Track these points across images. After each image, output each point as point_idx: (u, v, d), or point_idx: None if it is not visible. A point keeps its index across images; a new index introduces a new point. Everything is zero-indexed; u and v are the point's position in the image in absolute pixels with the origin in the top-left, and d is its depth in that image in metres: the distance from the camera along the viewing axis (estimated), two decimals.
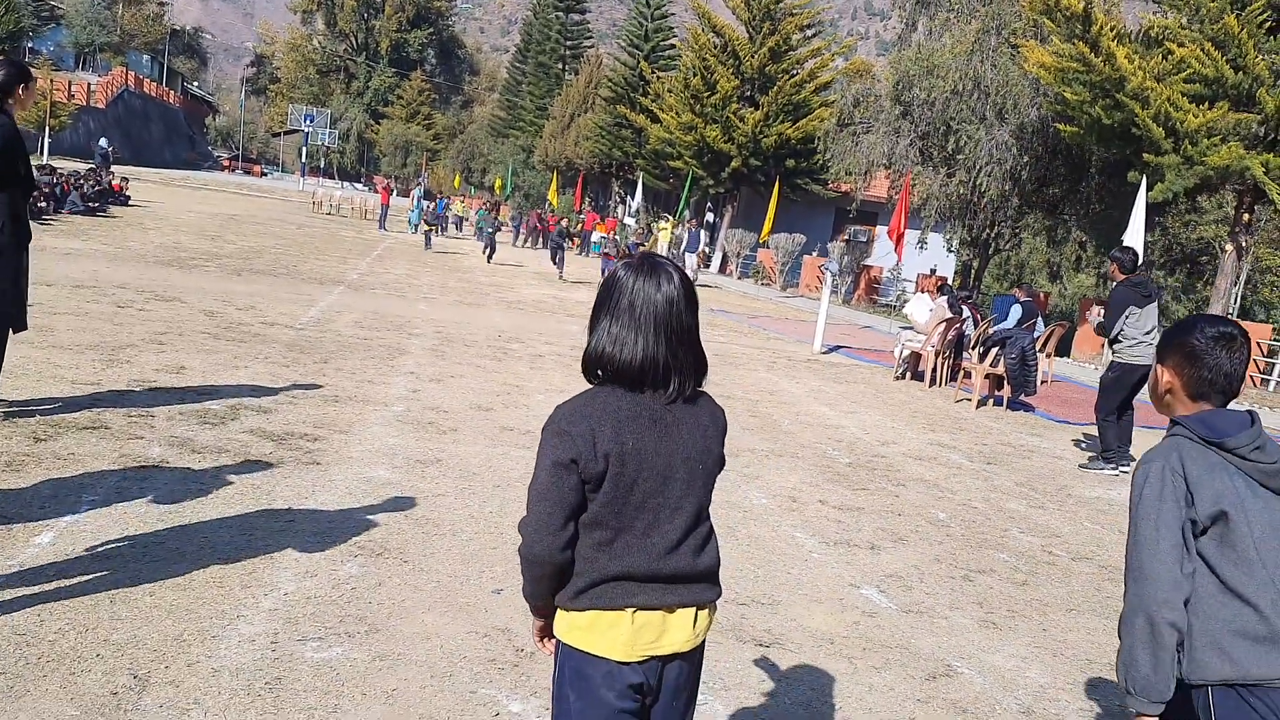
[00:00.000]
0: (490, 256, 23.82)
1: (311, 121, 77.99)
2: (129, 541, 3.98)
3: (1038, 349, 11.79)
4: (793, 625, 4.11)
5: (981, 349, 11.40)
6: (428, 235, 26.28)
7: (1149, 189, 14.62)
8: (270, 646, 3.30)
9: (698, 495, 1.91)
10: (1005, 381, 10.89)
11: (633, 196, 36.24)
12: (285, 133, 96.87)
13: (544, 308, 15.92)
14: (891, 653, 3.97)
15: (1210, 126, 15.63)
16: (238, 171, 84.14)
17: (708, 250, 30.71)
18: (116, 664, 3.05)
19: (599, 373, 1.89)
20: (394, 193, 43.95)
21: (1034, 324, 13.14)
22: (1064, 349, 18.04)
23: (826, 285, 15.03)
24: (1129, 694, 2.03)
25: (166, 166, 64.40)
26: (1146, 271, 11.54)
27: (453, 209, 38.42)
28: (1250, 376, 16.54)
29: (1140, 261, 9.82)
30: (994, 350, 11.09)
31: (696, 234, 28.89)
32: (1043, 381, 12.64)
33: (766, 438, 7.76)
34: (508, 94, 75.70)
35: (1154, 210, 17.65)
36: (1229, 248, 17.96)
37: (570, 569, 1.86)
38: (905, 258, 19.79)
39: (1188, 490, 2.03)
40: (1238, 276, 18.44)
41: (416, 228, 28.63)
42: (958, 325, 11.97)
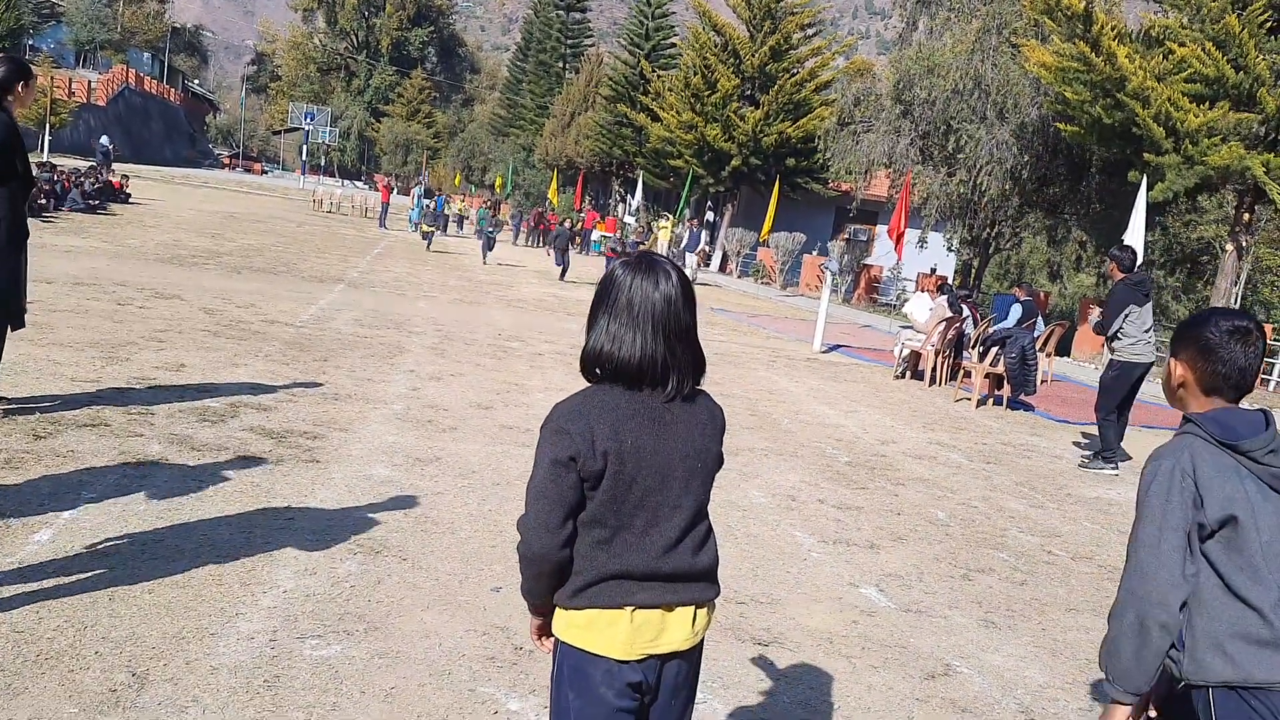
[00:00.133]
0: (486, 257, 23.40)
1: (312, 119, 77.90)
2: (128, 539, 3.98)
3: (1038, 348, 11.79)
4: (792, 624, 4.11)
5: (981, 348, 11.40)
6: (428, 235, 25.81)
7: (1149, 188, 14.62)
8: (269, 644, 3.31)
9: (696, 494, 1.90)
10: (1005, 381, 10.89)
11: (633, 195, 36.23)
12: (286, 131, 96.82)
13: (544, 306, 15.92)
14: (890, 652, 3.97)
15: (1211, 126, 15.62)
16: (238, 169, 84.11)
17: (708, 249, 30.69)
18: (115, 661, 3.05)
19: (597, 371, 1.88)
20: (394, 191, 43.95)
21: (1034, 323, 13.14)
22: (1064, 348, 18.03)
23: (826, 284, 15.03)
24: (1107, 680, 2.09)
25: (167, 164, 64.35)
26: (1146, 271, 11.53)
27: (452, 206, 38.28)
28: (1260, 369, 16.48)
29: (1140, 261, 9.83)
30: (994, 349, 11.09)
31: (697, 233, 28.89)
32: (1042, 381, 12.64)
33: (766, 436, 7.76)
34: (508, 92, 75.65)
35: (1154, 210, 17.65)
36: (1229, 247, 17.95)
37: (569, 567, 1.86)
38: (905, 257, 19.77)
39: (1197, 493, 2.00)
40: (1238, 276, 18.41)
41: (417, 226, 28.49)
42: (958, 324, 11.97)
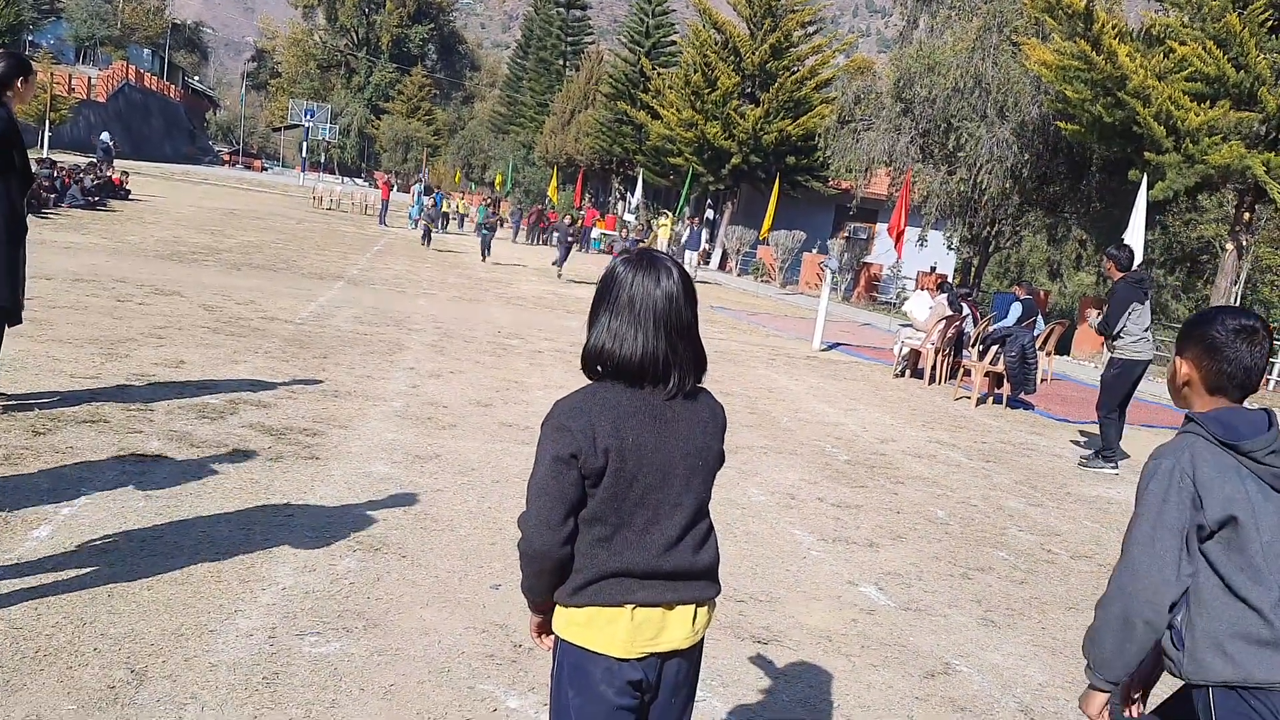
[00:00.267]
0: (485, 256, 23.17)
1: (312, 116, 77.83)
2: (127, 535, 3.98)
3: (1037, 347, 11.78)
4: (791, 622, 4.10)
5: (981, 347, 11.39)
6: (426, 232, 25.51)
7: (1150, 187, 14.62)
8: (268, 641, 3.30)
9: (697, 492, 1.90)
10: (1005, 379, 10.89)
11: (633, 193, 36.22)
12: (286, 128, 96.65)
13: (543, 303, 15.90)
14: (890, 650, 3.97)
15: (1211, 125, 15.62)
16: (238, 166, 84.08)
17: (708, 247, 30.67)
18: (114, 658, 3.05)
19: (599, 368, 1.88)
20: (394, 188, 43.87)
21: (1034, 322, 13.14)
22: (1064, 347, 18.03)
23: (826, 282, 15.02)
24: (1088, 666, 2.13)
25: (167, 161, 64.34)
26: (1146, 269, 11.52)
27: (452, 203, 38.17)
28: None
29: (1139, 260, 9.82)
30: (994, 348, 11.08)
31: (698, 231, 28.88)
32: (1042, 380, 12.64)
33: (765, 434, 7.76)
34: (508, 90, 75.61)
35: (1154, 209, 17.64)
36: (1229, 246, 17.95)
37: (570, 565, 1.86)
38: (905, 255, 19.76)
39: (1196, 494, 1.99)
40: (1238, 275, 18.40)
41: (417, 223, 28.37)
42: (957, 323, 11.97)
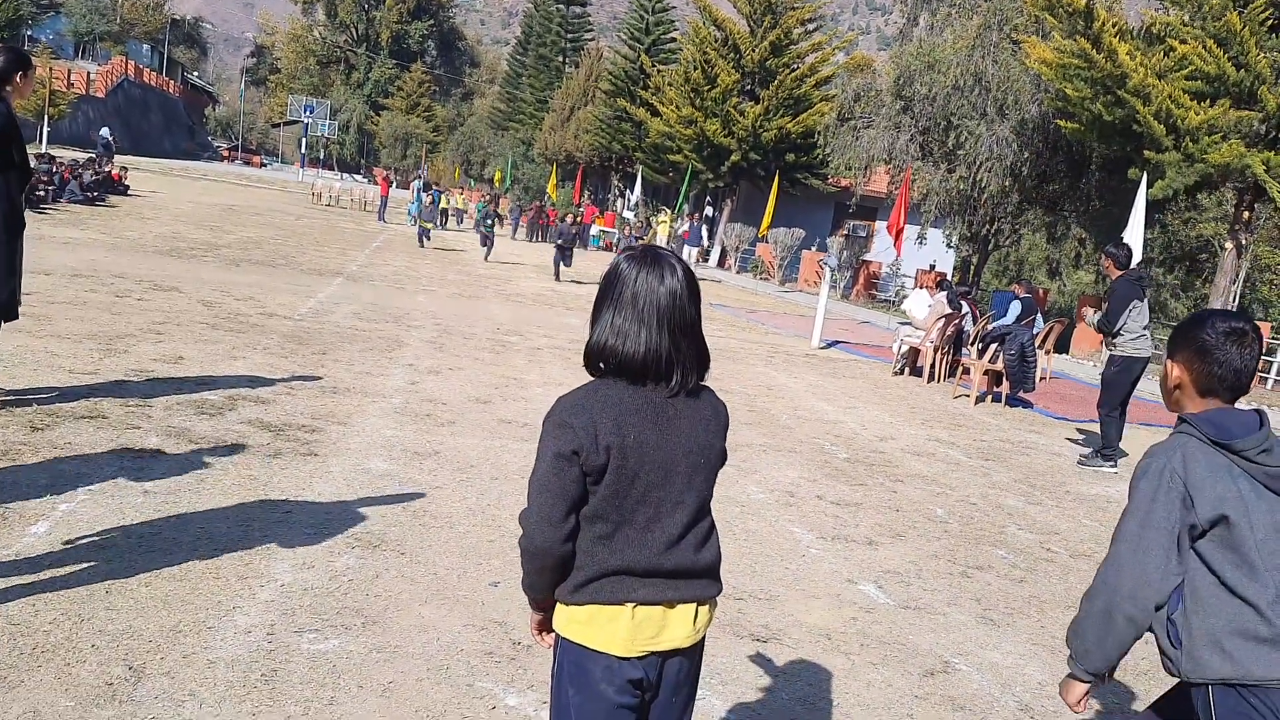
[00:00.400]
0: (488, 254, 23.01)
1: (311, 112, 77.70)
2: (125, 531, 3.97)
3: (1037, 345, 11.78)
4: (790, 621, 4.10)
5: (980, 345, 11.39)
6: (423, 230, 24.65)
7: (1149, 186, 14.61)
8: (266, 638, 3.29)
9: (699, 490, 1.89)
10: (1004, 378, 10.88)
11: (632, 190, 36.20)
12: (285, 123, 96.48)
13: (542, 301, 15.89)
14: (889, 649, 3.96)
15: (1211, 124, 15.60)
16: (237, 162, 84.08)
17: (707, 244, 30.66)
18: (111, 655, 3.04)
19: (601, 365, 1.87)
20: (394, 185, 43.77)
21: (1033, 320, 13.14)
22: (1063, 346, 18.02)
23: (825, 280, 15.01)
24: (1070, 656, 2.15)
25: (166, 156, 64.27)
26: (1145, 268, 11.52)
27: (451, 200, 38.06)
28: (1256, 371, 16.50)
29: (1139, 259, 9.82)
30: (993, 346, 11.08)
31: (698, 228, 28.88)
32: (1041, 378, 12.63)
33: (764, 432, 7.75)
34: (508, 86, 75.51)
35: (1154, 207, 17.63)
36: (1229, 245, 17.94)
37: (571, 562, 1.85)
38: (904, 253, 19.71)
39: (1187, 493, 2.01)
40: (1237, 274, 18.39)
41: (415, 220, 28.20)
42: (957, 321, 11.96)
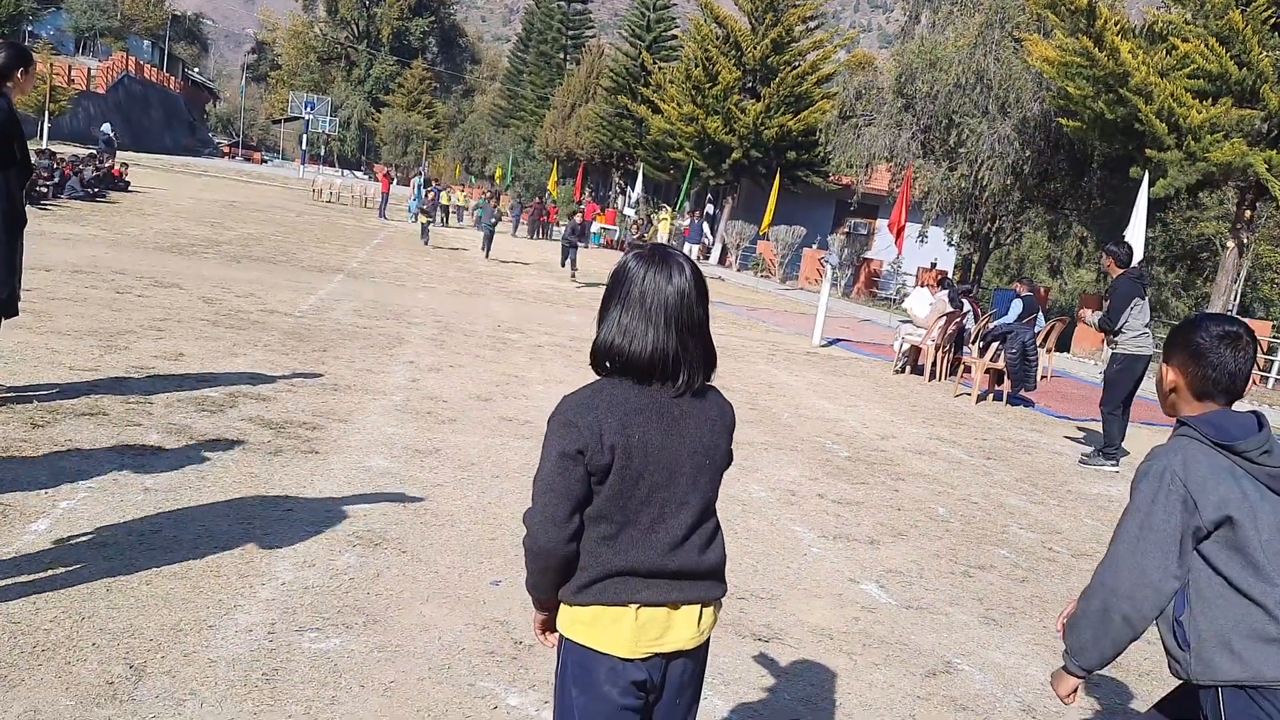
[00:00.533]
0: (488, 252, 22.89)
1: (312, 109, 77.70)
2: (125, 529, 3.96)
3: (1038, 344, 11.77)
4: (792, 620, 4.09)
5: (982, 343, 11.38)
6: (424, 227, 24.31)
7: (1151, 184, 14.59)
8: (267, 637, 3.28)
9: (704, 491, 1.88)
10: (1005, 376, 10.87)
11: (633, 187, 36.18)
12: (286, 120, 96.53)
13: (543, 298, 15.88)
14: (891, 649, 3.96)
15: (1213, 122, 15.59)
16: (238, 158, 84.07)
17: (708, 241, 30.64)
18: (112, 653, 3.03)
19: (607, 364, 1.86)
20: (394, 181, 43.79)
21: (1034, 319, 13.13)
22: (1064, 344, 18.01)
23: (826, 278, 15.00)
24: (1065, 650, 2.17)
25: (166, 152, 64.26)
26: (1146, 267, 11.51)
27: (452, 197, 38.01)
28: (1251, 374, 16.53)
29: (1139, 257, 9.80)
30: (994, 345, 11.07)
31: (699, 225, 28.87)
32: (1043, 377, 12.63)
33: (765, 431, 7.74)
34: (509, 83, 75.50)
35: (1155, 206, 17.60)
36: (1230, 244, 17.93)
37: (575, 562, 1.84)
38: (905, 251, 19.72)
39: (1189, 496, 2.02)
40: (1238, 273, 18.39)
41: (416, 217, 28.14)
42: (958, 319, 11.95)
